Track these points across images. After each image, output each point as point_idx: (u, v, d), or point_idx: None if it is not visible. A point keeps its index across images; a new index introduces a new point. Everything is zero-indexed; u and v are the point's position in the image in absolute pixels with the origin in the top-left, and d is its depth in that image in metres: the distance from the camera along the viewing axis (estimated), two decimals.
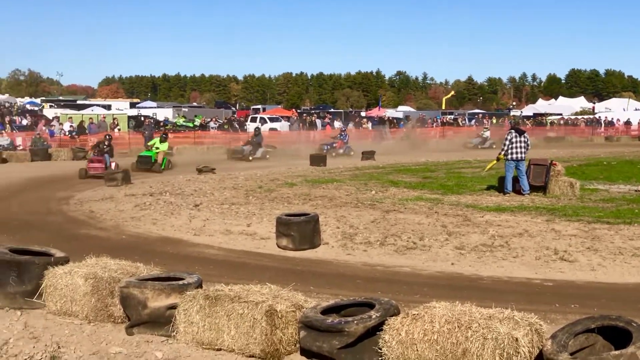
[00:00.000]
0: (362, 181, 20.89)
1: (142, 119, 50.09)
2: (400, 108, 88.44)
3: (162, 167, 26.31)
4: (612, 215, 13.95)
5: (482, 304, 5.82)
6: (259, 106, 78.83)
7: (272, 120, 52.88)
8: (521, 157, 17.54)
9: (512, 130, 18.10)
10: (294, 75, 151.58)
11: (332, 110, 74.86)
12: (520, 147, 17.60)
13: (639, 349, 4.90)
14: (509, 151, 17.56)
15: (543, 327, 5.46)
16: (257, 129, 36.10)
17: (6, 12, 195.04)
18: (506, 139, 17.82)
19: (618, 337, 5.16)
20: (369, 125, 53.43)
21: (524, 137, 17.80)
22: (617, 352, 4.86)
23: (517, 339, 5.06)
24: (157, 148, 26.52)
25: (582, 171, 23.92)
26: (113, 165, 24.14)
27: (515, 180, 17.71)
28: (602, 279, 9.87)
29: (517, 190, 17.58)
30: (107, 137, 26.47)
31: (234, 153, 32.92)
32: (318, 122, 51.66)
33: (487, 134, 44.76)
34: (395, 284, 9.63)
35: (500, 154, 17.81)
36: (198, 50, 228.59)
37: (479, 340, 5.13)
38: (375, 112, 72.61)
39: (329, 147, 35.79)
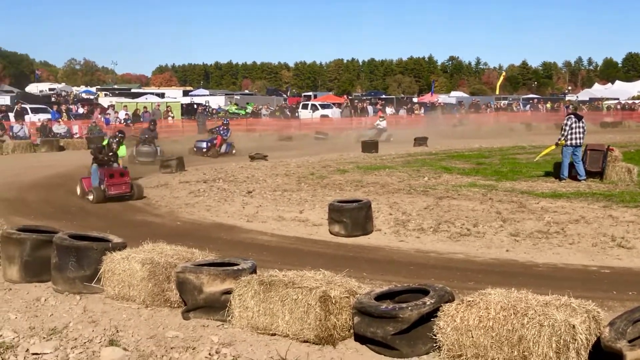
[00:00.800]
0: (414, 168, 20.77)
1: (195, 107, 50.59)
2: (453, 94, 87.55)
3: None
4: None
5: (537, 291, 5.74)
6: (310, 93, 78.93)
7: (323, 107, 52.85)
8: (579, 142, 17.19)
9: (572, 115, 17.74)
10: (345, 61, 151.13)
11: (383, 96, 74.47)
12: (579, 132, 17.26)
13: None
14: (569, 137, 17.21)
15: (601, 315, 5.37)
16: (152, 122, 28.59)
17: (62, 2, 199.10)
18: (565, 124, 17.42)
19: None
20: (422, 111, 53.04)
21: (582, 122, 17.45)
22: None
23: (574, 326, 4.99)
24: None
25: (639, 157, 23.36)
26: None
27: (571, 166, 17.38)
28: None
29: (573, 177, 17.26)
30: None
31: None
32: (369, 108, 51.47)
33: (383, 124, 37.87)
34: (449, 270, 9.58)
35: (560, 139, 17.41)
36: (249, 38, 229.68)
37: (535, 327, 5.07)
38: (427, 97, 71.97)
39: (207, 145, 28.39)
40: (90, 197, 15.82)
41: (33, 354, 5.60)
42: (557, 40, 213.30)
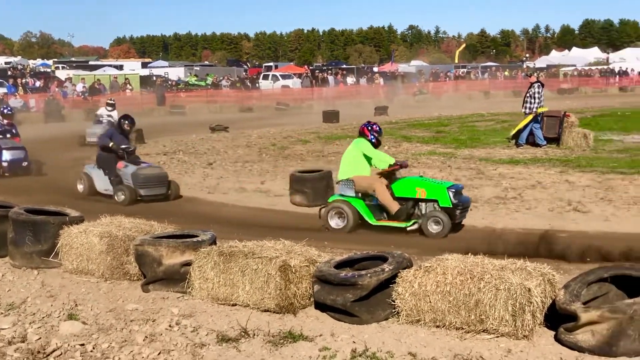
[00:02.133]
0: None
1: (154, 78, 50.00)
2: (413, 63, 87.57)
3: None
4: (627, 166, 13.88)
5: (495, 256, 5.83)
6: (271, 63, 78.38)
7: (284, 77, 52.58)
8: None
9: (540, 83, 17.95)
10: (305, 31, 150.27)
11: (344, 66, 74.29)
12: (542, 99, 17.55)
13: None
14: (538, 104, 17.42)
15: (556, 278, 5.49)
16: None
17: None
18: (535, 92, 17.55)
19: (631, 285, 5.18)
20: (381, 80, 53.08)
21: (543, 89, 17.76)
22: (630, 301, 4.89)
23: (529, 289, 5.08)
24: None
25: (596, 122, 23.72)
26: None
27: (529, 132, 17.60)
28: (615, 228, 9.86)
29: (531, 143, 17.49)
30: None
31: None
32: (330, 78, 51.37)
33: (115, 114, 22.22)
34: (409, 238, 9.66)
35: (536, 108, 17.47)
36: (209, 8, 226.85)
37: (492, 291, 5.16)
38: (387, 67, 71.95)
39: None
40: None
41: None
42: (515, 8, 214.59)
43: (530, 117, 17.47)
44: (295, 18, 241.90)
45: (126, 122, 13.39)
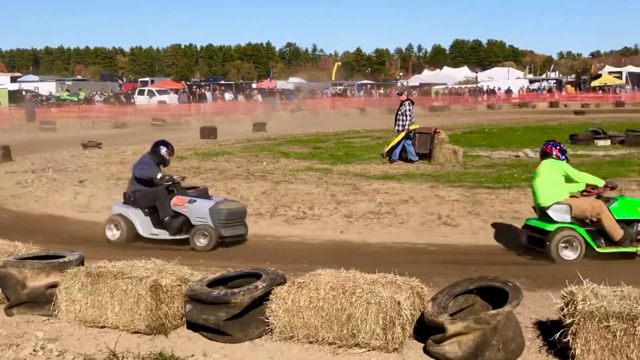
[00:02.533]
0: (253, 153, 20.79)
1: (24, 93, 48.05)
2: (291, 79, 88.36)
3: None
4: (493, 180, 14.46)
5: (369, 270, 5.91)
6: (147, 79, 76.96)
7: (160, 92, 51.71)
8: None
9: (410, 101, 18.53)
10: (182, 47, 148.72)
11: (222, 82, 73.94)
12: (413, 117, 18.15)
13: (514, 307, 5.14)
14: (408, 121, 17.94)
15: (424, 290, 5.63)
16: None
17: None
18: (407, 109, 18.09)
19: (496, 297, 5.38)
20: (259, 97, 53.19)
21: (413, 107, 18.38)
22: (494, 312, 5.08)
23: (399, 302, 5.19)
24: None
25: (465, 139, 24.65)
26: None
27: (402, 149, 18.08)
28: (483, 242, 10.26)
29: (404, 159, 17.97)
30: None
31: None
32: (208, 94, 51.00)
33: None
34: (285, 253, 9.71)
35: (407, 125, 17.96)
36: (82, 21, 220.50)
37: (363, 305, 5.23)
38: (266, 83, 72.21)
39: None
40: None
41: None
42: (389, 28, 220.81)
43: (402, 134, 17.95)
44: (172, 33, 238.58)
45: (165, 148, 11.19)
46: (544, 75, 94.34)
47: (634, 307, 4.70)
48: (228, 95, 53.10)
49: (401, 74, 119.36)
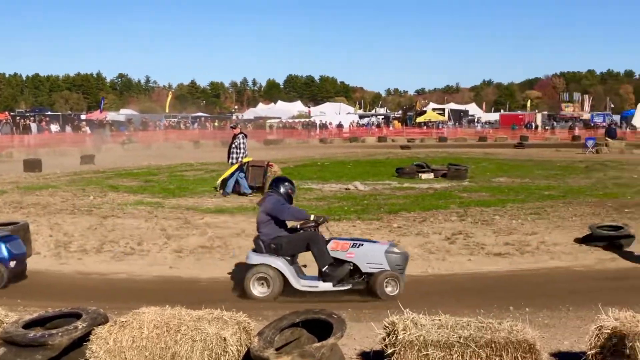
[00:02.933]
0: (79, 186, 19.98)
1: None
2: (123, 111, 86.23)
3: None
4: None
5: (197, 306, 5.78)
6: None
7: None
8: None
9: (244, 134, 18.59)
10: (7, 76, 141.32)
11: (49, 113, 70.86)
12: (246, 149, 18.21)
13: (338, 339, 5.20)
14: (241, 154, 17.95)
15: (251, 325, 5.57)
16: None
17: None
18: (240, 142, 18.10)
19: (321, 329, 5.42)
20: (88, 128, 51.45)
21: (247, 140, 18.46)
22: (318, 344, 5.10)
23: (225, 339, 5.10)
24: None
25: (298, 172, 25.03)
26: None
27: (235, 182, 18.08)
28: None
29: (237, 191, 17.96)
30: None
31: None
32: (33, 125, 48.68)
33: None
34: (111, 291, 9.36)
35: (240, 158, 17.94)
36: None
37: (188, 343, 5.10)
38: (96, 115, 70.00)
39: None
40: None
41: None
42: (224, 62, 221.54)
43: (235, 166, 17.96)
44: None
45: (291, 186, 10.09)
46: (373, 111, 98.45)
47: (450, 335, 4.90)
48: (54, 127, 50.88)
49: (236, 107, 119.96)
